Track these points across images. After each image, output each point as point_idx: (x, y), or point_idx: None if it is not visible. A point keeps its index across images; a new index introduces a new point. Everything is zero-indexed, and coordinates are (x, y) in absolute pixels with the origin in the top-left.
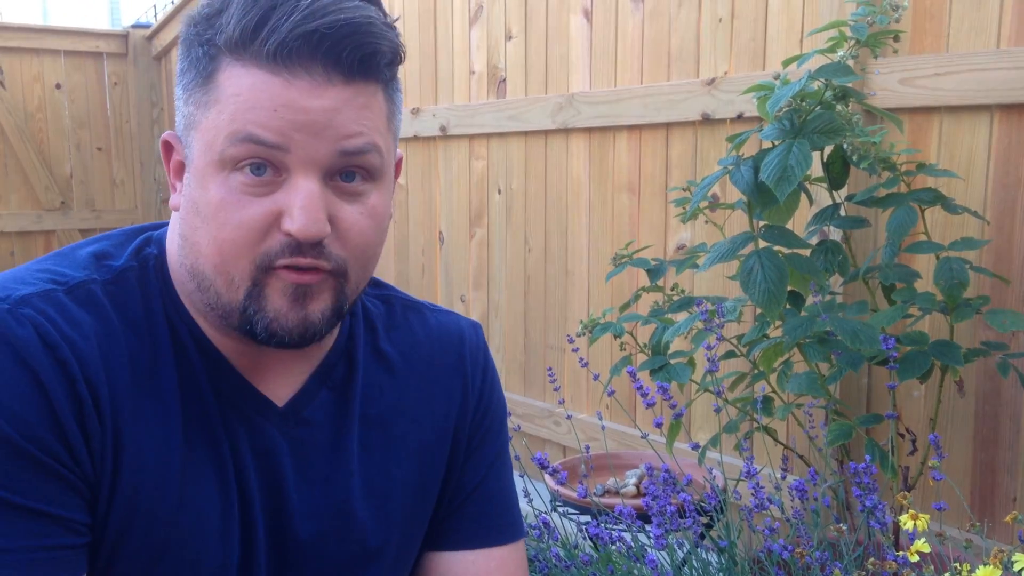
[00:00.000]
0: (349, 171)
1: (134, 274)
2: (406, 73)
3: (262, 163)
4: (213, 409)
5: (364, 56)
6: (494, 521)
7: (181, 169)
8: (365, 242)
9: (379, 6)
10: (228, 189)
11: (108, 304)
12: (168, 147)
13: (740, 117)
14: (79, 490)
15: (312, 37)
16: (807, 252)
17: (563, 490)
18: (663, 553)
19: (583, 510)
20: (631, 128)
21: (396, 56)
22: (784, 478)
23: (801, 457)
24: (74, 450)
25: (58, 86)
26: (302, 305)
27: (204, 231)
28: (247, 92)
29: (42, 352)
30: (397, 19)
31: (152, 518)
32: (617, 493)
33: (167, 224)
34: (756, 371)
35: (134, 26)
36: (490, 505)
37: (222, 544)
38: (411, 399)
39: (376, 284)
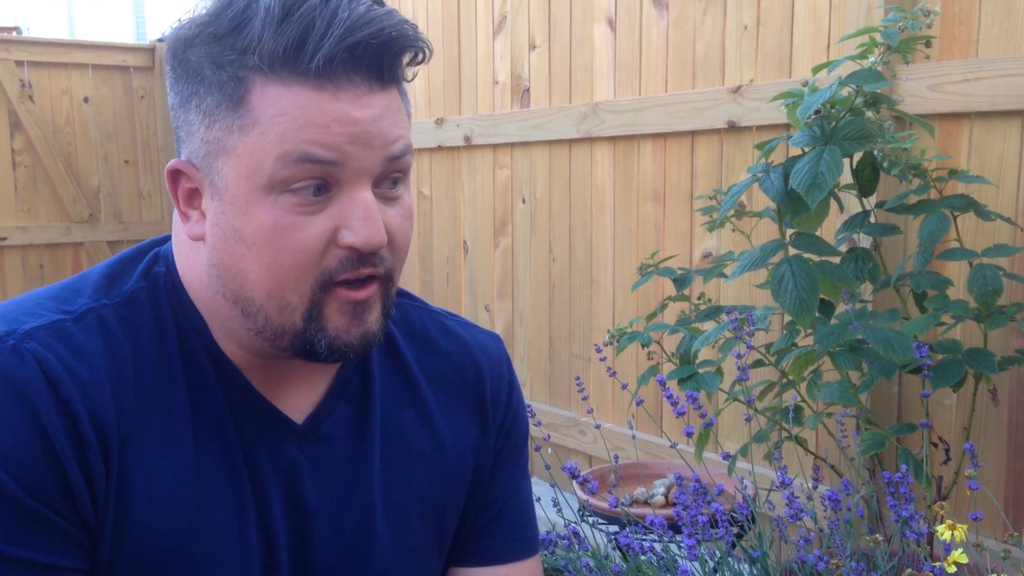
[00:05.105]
0: (392, 176)
1: (145, 294)
2: (430, 83)
3: (320, 183)
4: (230, 428)
5: (400, 62)
6: (520, 535)
7: (193, 196)
8: (407, 243)
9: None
10: (280, 211)
11: (119, 328)
12: (176, 176)
13: (766, 125)
14: (77, 539)
15: (357, 49)
16: (837, 260)
17: (593, 500)
18: (695, 564)
19: (611, 520)
20: (656, 136)
21: (425, 57)
22: (816, 488)
23: (832, 467)
24: (75, 495)
25: (86, 100)
26: (361, 320)
27: (252, 258)
28: (294, 110)
29: (45, 392)
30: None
31: (166, 548)
32: (646, 503)
33: (171, 238)
34: (785, 380)
35: (160, 40)
36: (517, 519)
37: (241, 567)
38: (432, 412)
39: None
